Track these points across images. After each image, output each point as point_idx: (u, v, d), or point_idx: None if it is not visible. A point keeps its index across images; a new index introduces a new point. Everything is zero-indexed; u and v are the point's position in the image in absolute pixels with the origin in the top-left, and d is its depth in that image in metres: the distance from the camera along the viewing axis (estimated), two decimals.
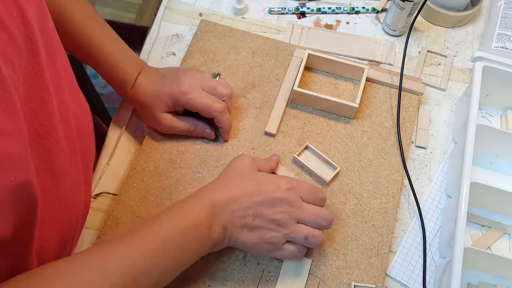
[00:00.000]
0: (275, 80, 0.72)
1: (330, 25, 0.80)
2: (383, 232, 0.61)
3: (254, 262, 0.58)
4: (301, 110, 0.69)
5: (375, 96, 0.71)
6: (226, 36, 0.75)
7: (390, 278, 0.59)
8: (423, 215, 0.63)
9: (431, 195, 0.65)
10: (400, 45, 0.78)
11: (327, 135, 0.68)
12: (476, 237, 0.62)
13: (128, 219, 0.60)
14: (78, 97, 0.52)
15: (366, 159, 0.66)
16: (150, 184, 0.62)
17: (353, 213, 0.62)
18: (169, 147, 0.65)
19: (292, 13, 0.81)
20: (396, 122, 0.68)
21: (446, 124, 0.71)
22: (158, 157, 0.64)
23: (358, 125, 0.69)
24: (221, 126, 0.62)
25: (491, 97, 0.69)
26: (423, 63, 0.76)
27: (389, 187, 0.64)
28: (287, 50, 0.75)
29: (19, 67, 0.36)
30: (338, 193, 0.63)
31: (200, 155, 0.64)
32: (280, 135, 0.67)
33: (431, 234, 0.62)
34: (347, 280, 0.58)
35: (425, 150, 0.68)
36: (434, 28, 0.80)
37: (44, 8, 0.43)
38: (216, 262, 0.58)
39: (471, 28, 0.81)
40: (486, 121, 0.71)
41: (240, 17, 0.79)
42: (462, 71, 0.76)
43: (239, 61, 0.73)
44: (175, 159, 0.64)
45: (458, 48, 0.78)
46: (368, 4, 0.82)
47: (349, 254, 0.59)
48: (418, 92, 0.71)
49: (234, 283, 0.57)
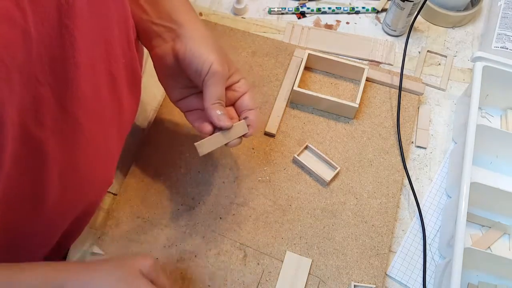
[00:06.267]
0: (275, 80, 0.72)
1: (330, 25, 0.80)
2: (383, 232, 0.61)
3: (254, 262, 0.58)
4: (301, 110, 0.69)
5: (375, 96, 0.71)
6: (226, 36, 0.75)
7: (390, 278, 0.59)
8: (423, 215, 0.63)
9: (431, 195, 0.65)
10: (400, 45, 0.78)
11: (327, 135, 0.68)
12: (476, 237, 0.62)
13: (128, 219, 0.60)
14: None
15: (366, 159, 0.66)
16: (150, 184, 0.62)
17: (353, 213, 0.62)
18: (169, 147, 0.65)
19: (292, 13, 0.81)
20: (396, 122, 0.68)
21: (446, 124, 0.71)
22: (158, 157, 0.64)
23: (358, 125, 0.69)
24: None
25: (491, 97, 0.69)
26: (423, 63, 0.76)
27: (389, 187, 0.64)
28: (287, 50, 0.75)
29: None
30: (338, 193, 0.63)
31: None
32: (280, 135, 0.67)
33: (431, 234, 0.62)
34: (347, 280, 0.58)
35: (425, 150, 0.68)
36: (434, 28, 0.80)
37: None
38: (216, 262, 0.58)
39: (471, 28, 0.81)
40: (486, 121, 0.71)
41: (240, 17, 0.79)
42: (462, 71, 0.76)
43: (239, 61, 0.73)
44: (175, 160, 0.64)
45: (458, 48, 0.78)
46: (368, 4, 0.82)
47: (349, 254, 0.59)
48: (418, 92, 0.71)
49: (234, 283, 0.57)
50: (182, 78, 0.52)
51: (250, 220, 0.61)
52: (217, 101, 0.48)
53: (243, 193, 0.63)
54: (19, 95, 0.34)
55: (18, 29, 0.31)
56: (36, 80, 0.35)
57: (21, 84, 0.34)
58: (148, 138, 0.66)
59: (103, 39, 0.43)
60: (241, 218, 0.61)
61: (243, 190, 0.63)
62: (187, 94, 0.54)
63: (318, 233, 0.61)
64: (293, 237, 0.60)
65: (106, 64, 0.44)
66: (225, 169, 0.64)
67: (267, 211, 0.62)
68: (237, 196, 0.62)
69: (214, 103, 0.48)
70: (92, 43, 0.41)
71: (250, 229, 0.60)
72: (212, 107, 0.48)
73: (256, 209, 0.62)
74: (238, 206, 0.62)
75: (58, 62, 0.37)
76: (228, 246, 0.59)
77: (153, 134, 0.66)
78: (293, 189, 0.63)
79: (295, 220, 0.61)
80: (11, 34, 0.31)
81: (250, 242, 0.59)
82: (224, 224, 0.60)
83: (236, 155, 0.65)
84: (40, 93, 0.36)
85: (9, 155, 0.35)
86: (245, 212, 0.61)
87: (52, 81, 0.37)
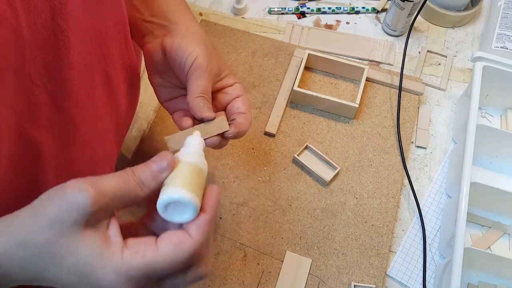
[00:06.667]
0: (275, 80, 0.72)
1: (330, 25, 0.80)
2: (383, 232, 0.61)
3: (254, 262, 0.58)
4: (301, 110, 0.69)
5: (375, 96, 0.71)
6: (226, 36, 0.75)
7: (390, 278, 0.59)
8: (423, 215, 0.63)
9: (431, 195, 0.65)
10: (400, 45, 0.78)
11: (327, 135, 0.68)
12: (476, 237, 0.62)
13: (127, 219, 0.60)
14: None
15: (366, 159, 0.66)
16: None
17: (353, 213, 0.62)
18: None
19: (292, 13, 0.81)
20: (396, 122, 0.68)
21: (446, 124, 0.71)
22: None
23: (358, 125, 0.69)
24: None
25: (491, 97, 0.69)
26: (423, 63, 0.76)
27: (389, 187, 0.64)
28: (287, 50, 0.75)
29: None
30: (338, 193, 0.63)
31: None
32: (280, 135, 0.67)
33: (431, 234, 0.62)
34: (347, 280, 0.58)
35: (425, 150, 0.68)
36: (434, 28, 0.80)
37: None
38: (216, 262, 0.58)
39: (471, 28, 0.81)
40: (486, 121, 0.71)
41: (240, 17, 0.79)
42: (462, 71, 0.76)
43: (239, 61, 0.73)
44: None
45: (458, 48, 0.78)
46: (368, 4, 0.82)
47: (349, 254, 0.59)
48: (418, 92, 0.71)
49: (234, 283, 0.57)
50: (170, 77, 0.51)
51: (250, 220, 0.61)
52: (200, 94, 0.46)
53: (243, 193, 0.63)
54: (14, 95, 0.34)
55: (10, 29, 0.31)
56: (30, 81, 0.35)
57: (15, 84, 0.33)
58: (148, 138, 0.66)
59: (99, 40, 0.42)
60: (241, 218, 0.61)
61: (243, 190, 0.63)
62: (175, 95, 0.52)
63: (318, 233, 0.61)
64: (293, 237, 0.60)
65: (101, 65, 0.44)
66: (225, 169, 0.64)
67: (267, 211, 0.62)
68: (237, 196, 0.62)
69: (197, 96, 0.46)
70: (87, 44, 0.40)
71: (250, 229, 0.60)
72: (194, 99, 0.46)
73: (256, 209, 0.62)
74: (238, 206, 0.62)
75: (52, 63, 0.36)
76: (228, 246, 0.59)
77: (153, 134, 0.66)
78: (293, 189, 0.63)
79: (295, 220, 0.61)
80: (2, 34, 0.30)
81: (250, 242, 0.59)
82: (224, 224, 0.60)
83: (236, 155, 0.65)
84: (34, 94, 0.36)
85: (4, 156, 0.35)
86: (245, 212, 0.61)
87: (46, 82, 0.37)
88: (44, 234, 0.31)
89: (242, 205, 0.62)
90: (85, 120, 0.43)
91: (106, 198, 0.32)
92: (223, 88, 0.50)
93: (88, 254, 0.31)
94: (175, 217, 0.34)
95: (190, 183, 0.34)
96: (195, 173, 0.35)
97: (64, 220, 0.31)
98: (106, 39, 0.43)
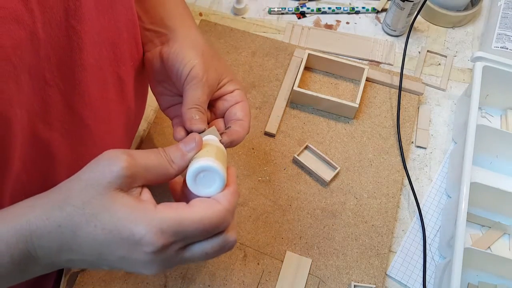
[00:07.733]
0: (275, 80, 0.72)
1: (330, 25, 0.80)
2: (383, 232, 0.61)
3: (254, 262, 0.58)
4: (301, 110, 0.69)
5: (375, 96, 0.71)
6: (226, 36, 0.75)
7: (390, 278, 0.59)
8: (423, 215, 0.63)
9: (431, 195, 0.65)
10: (400, 45, 0.78)
11: (327, 135, 0.68)
12: (476, 237, 0.62)
13: None
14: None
15: (366, 159, 0.66)
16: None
17: (353, 213, 0.62)
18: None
19: (292, 13, 0.81)
20: (396, 122, 0.68)
21: (446, 124, 0.71)
22: None
23: (358, 125, 0.69)
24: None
25: (491, 97, 0.69)
26: (423, 63, 0.76)
27: (389, 187, 0.64)
28: (287, 50, 0.75)
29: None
30: (338, 193, 0.63)
31: None
32: (280, 135, 0.67)
33: (431, 234, 0.62)
34: (347, 280, 0.58)
35: (425, 150, 0.68)
36: (434, 28, 0.80)
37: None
38: (216, 262, 0.58)
39: (471, 28, 0.81)
40: (486, 121, 0.71)
41: (240, 17, 0.79)
42: (462, 71, 0.76)
43: (239, 61, 0.73)
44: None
45: (458, 48, 0.78)
46: (368, 4, 0.82)
47: (349, 254, 0.59)
48: (418, 92, 0.71)
49: (234, 283, 0.57)
50: (170, 85, 0.50)
51: (250, 220, 0.61)
52: (194, 105, 0.45)
53: (243, 193, 0.63)
54: (28, 96, 0.34)
55: (26, 29, 0.31)
56: (44, 81, 0.35)
57: (29, 85, 0.34)
58: (148, 138, 0.66)
59: (111, 41, 0.43)
60: (241, 218, 0.61)
61: (243, 190, 0.63)
62: (175, 102, 0.52)
63: (318, 233, 0.61)
64: (293, 237, 0.60)
65: (113, 66, 0.44)
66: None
67: (267, 211, 0.62)
68: None
69: (191, 108, 0.45)
70: (99, 45, 0.41)
71: (250, 229, 0.60)
72: (187, 111, 0.45)
73: (256, 209, 0.62)
74: (238, 206, 0.62)
75: (65, 64, 0.37)
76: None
77: (153, 134, 0.66)
78: (293, 189, 0.63)
79: (295, 220, 0.61)
80: (19, 34, 0.31)
81: (250, 242, 0.59)
82: None
83: (236, 155, 0.65)
84: (48, 94, 0.36)
85: (18, 156, 0.35)
86: (245, 212, 0.61)
87: (60, 82, 0.37)
88: (80, 196, 0.33)
89: (242, 205, 0.62)
90: (97, 120, 0.43)
91: (139, 167, 0.34)
92: (223, 95, 0.50)
93: (121, 210, 0.33)
94: (202, 189, 0.36)
95: (219, 158, 0.37)
96: (221, 153, 0.39)
97: (99, 181, 0.33)
98: (118, 40, 0.44)
